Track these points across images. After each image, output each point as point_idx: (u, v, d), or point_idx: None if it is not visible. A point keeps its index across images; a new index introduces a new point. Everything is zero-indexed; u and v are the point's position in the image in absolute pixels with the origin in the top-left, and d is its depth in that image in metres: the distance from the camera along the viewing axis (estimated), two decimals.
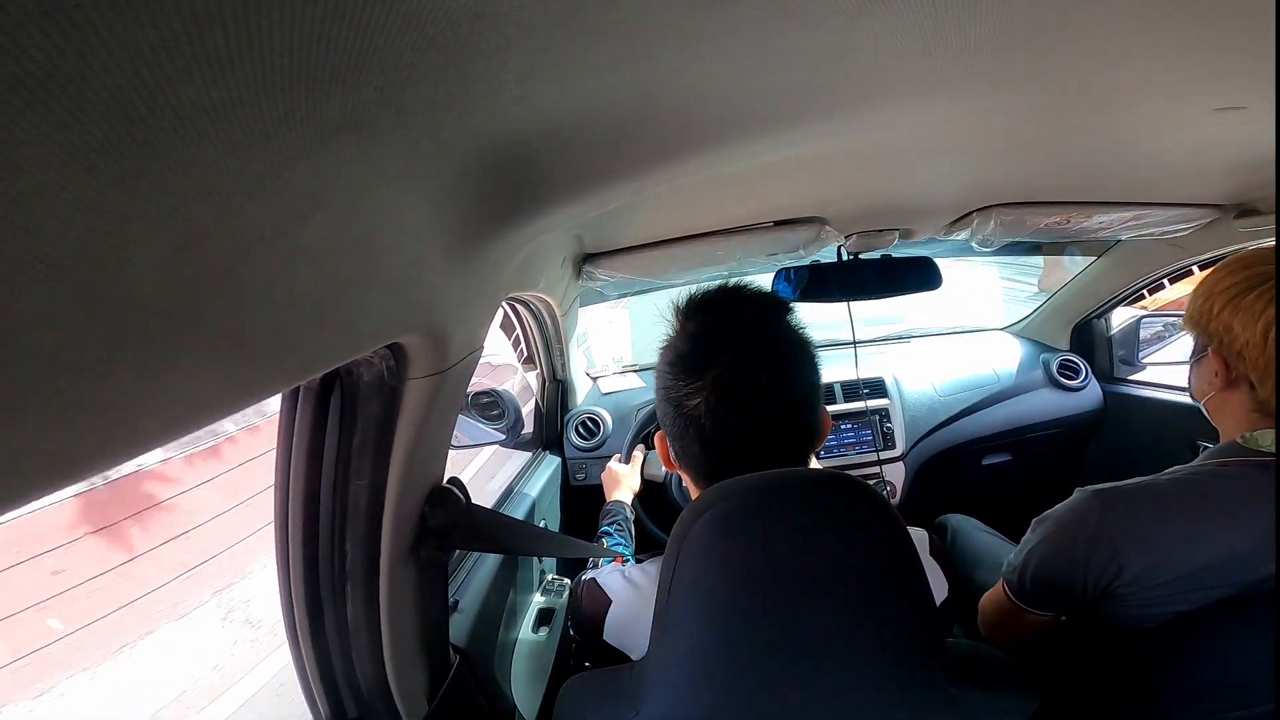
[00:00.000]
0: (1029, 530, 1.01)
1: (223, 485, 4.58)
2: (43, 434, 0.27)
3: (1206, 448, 0.95)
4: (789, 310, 0.76)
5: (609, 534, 1.41)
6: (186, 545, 4.24)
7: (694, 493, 0.75)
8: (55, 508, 3.70)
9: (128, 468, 3.91)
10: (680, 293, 0.77)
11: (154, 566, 4.03)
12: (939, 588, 0.82)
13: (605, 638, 0.80)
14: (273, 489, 0.74)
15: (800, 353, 0.72)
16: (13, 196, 0.23)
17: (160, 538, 4.14)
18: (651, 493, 1.73)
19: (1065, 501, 0.96)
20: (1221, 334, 0.89)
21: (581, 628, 0.84)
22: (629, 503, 1.60)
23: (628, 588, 0.82)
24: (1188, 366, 1.03)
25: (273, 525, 0.74)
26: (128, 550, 3.99)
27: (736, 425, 0.68)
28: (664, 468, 1.70)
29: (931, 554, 0.84)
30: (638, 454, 1.74)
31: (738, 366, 0.68)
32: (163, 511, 4.23)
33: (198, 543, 4.30)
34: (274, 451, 0.72)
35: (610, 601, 0.81)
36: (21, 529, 3.51)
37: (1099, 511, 0.90)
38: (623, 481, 1.65)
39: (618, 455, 1.75)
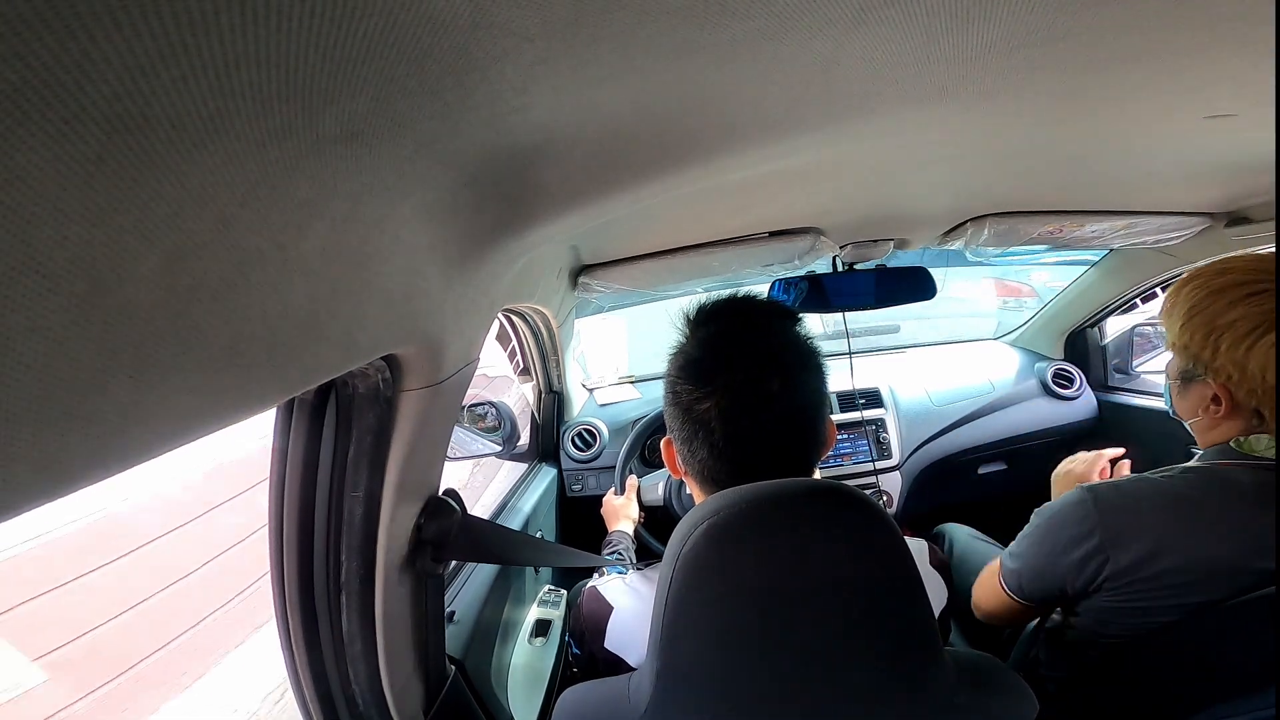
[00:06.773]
0: (1031, 519, 1.03)
1: None
2: (36, 444, 0.27)
3: None
4: (799, 320, 0.76)
5: (609, 562, 1.42)
6: None
7: (698, 499, 0.75)
8: None
9: None
10: (690, 301, 0.77)
11: None
12: (939, 597, 0.82)
13: (606, 645, 0.79)
14: (267, 500, 0.73)
15: (810, 361, 0.72)
16: (8, 205, 0.23)
17: None
18: (650, 515, 1.75)
19: (1063, 496, 0.97)
20: (1231, 370, 0.88)
21: (582, 636, 0.84)
22: (630, 532, 1.62)
23: (630, 594, 0.82)
24: (1168, 382, 1.03)
25: (267, 536, 0.74)
26: None
27: (746, 431, 0.68)
28: (659, 491, 1.72)
29: (932, 564, 0.84)
30: (631, 482, 1.76)
31: (748, 373, 0.67)
32: None
33: None
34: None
35: (612, 609, 0.81)
36: None
37: (1092, 503, 0.92)
38: (621, 512, 1.67)
39: (613, 489, 1.77)
